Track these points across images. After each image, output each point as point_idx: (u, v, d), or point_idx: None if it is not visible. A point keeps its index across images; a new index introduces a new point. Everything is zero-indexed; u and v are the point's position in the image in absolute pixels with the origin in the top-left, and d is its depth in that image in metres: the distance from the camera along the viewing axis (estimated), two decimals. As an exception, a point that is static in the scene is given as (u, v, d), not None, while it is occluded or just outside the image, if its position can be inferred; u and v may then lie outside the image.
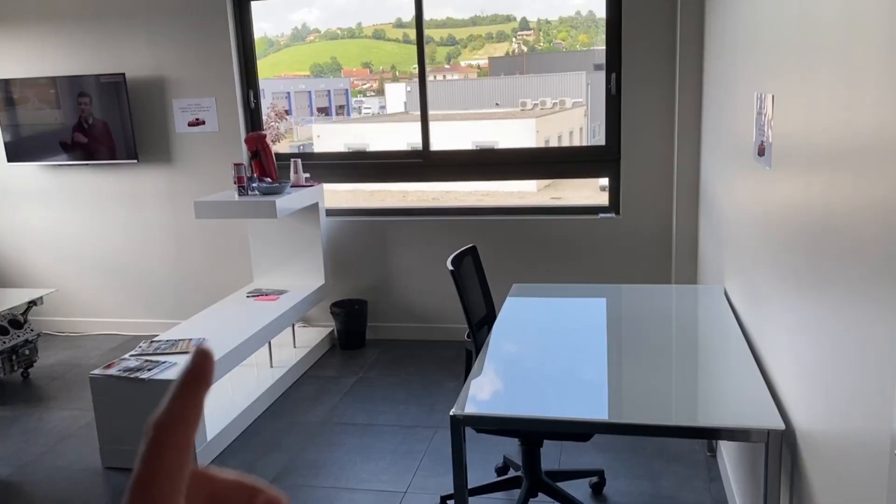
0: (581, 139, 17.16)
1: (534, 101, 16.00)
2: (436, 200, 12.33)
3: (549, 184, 12.53)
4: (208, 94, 4.76)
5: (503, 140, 14.36)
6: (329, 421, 3.77)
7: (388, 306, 4.83)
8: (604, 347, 2.51)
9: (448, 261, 2.64)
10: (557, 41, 19.82)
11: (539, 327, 2.75)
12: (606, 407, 2.07)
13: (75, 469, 3.39)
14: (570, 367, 2.37)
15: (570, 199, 12.58)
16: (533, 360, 2.45)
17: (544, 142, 14.69)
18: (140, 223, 5.03)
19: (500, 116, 16.11)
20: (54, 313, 5.30)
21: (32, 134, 4.91)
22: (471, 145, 14.31)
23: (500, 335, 2.66)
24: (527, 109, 15.90)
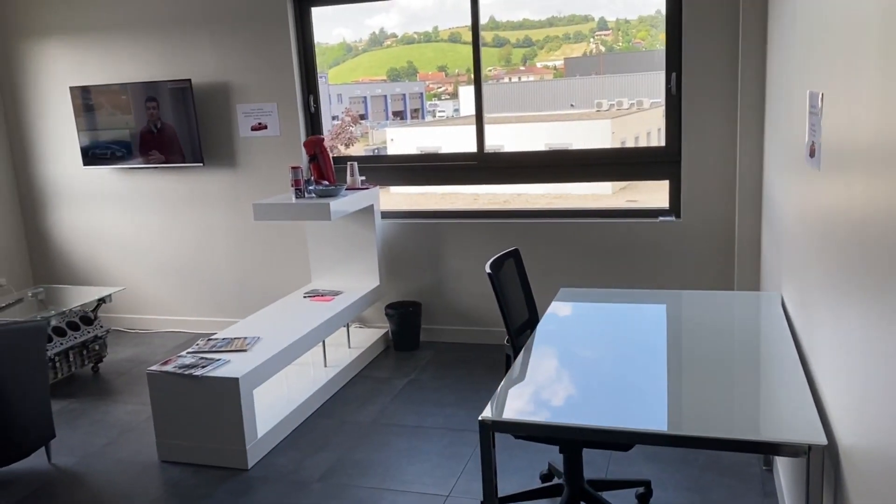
0: (659, 140, 16.73)
1: (610, 102, 15.73)
2: (507, 203, 12.30)
3: (625, 186, 12.28)
4: (270, 100, 4.87)
5: (577, 141, 14.16)
6: (378, 421, 3.79)
7: (441, 309, 4.83)
8: (651, 354, 2.44)
9: (487, 265, 2.62)
10: (637, 41, 19.45)
11: (586, 332, 2.69)
12: (652, 416, 2.01)
13: (134, 462, 3.52)
14: (613, 375, 2.31)
15: (645, 202, 12.31)
16: (574, 366, 2.40)
17: (620, 143, 14.41)
18: (205, 224, 5.20)
19: (574, 118, 15.90)
20: (124, 310, 5.53)
21: (105, 139, 5.14)
22: (544, 147, 14.17)
23: (541, 339, 2.62)
24: (602, 110, 15.65)
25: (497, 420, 2.05)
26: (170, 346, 5.11)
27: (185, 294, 5.36)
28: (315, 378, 4.12)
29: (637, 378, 2.27)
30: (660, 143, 4.36)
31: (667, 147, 4.33)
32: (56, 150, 5.40)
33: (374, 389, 4.19)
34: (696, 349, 2.47)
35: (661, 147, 4.36)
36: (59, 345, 4.35)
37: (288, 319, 4.10)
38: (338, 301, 4.38)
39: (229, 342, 3.77)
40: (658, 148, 4.38)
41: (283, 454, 3.51)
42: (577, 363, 2.41)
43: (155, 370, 3.44)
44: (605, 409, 2.08)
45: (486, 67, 19.52)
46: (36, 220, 5.57)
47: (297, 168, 4.24)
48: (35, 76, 5.33)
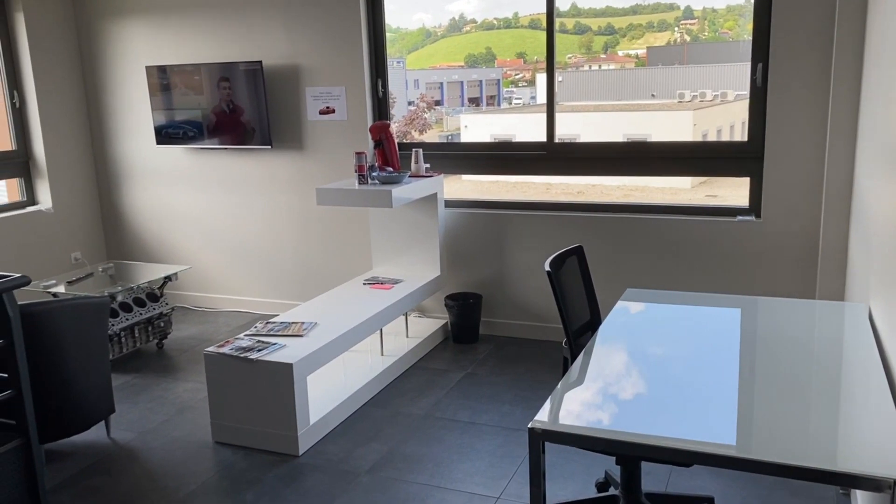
0: (743, 134, 16.11)
1: (693, 93, 15.24)
2: (580, 194, 12.06)
3: (704, 180, 11.83)
4: (339, 83, 4.83)
5: (656, 133, 13.74)
6: (432, 415, 3.72)
7: (503, 302, 4.71)
8: (722, 365, 2.27)
9: (546, 262, 2.49)
10: (723, 31, 18.75)
11: (651, 337, 2.53)
12: (718, 434, 1.85)
13: (188, 441, 3.54)
14: (679, 385, 2.15)
15: (725, 198, 11.83)
16: (637, 374, 2.25)
17: (702, 135, 13.92)
18: (271, 207, 5.21)
19: (655, 108, 15.47)
20: (191, 288, 5.62)
21: (178, 119, 5.20)
22: (622, 138, 13.79)
23: (602, 343, 2.48)
24: (684, 101, 15.17)
25: (548, 429, 1.93)
26: (233, 326, 5.16)
27: (249, 275, 5.41)
28: (371, 366, 4.08)
29: (705, 391, 2.10)
30: (744, 136, 4.11)
31: (749, 142, 4.08)
32: (131, 128, 5.51)
33: (430, 381, 4.12)
34: (772, 362, 2.28)
35: (742, 142, 4.12)
36: (125, 320, 4.44)
37: (346, 306, 4.06)
38: (397, 290, 4.32)
39: (286, 326, 3.75)
40: (740, 143, 4.14)
41: (334, 442, 3.47)
42: (640, 370, 2.26)
43: (212, 351, 3.45)
44: (668, 423, 1.93)
45: (566, 55, 19.18)
46: (111, 197, 5.71)
47: (362, 154, 4.18)
48: (113, 55, 5.44)
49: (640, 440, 1.86)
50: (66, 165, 5.48)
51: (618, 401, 2.08)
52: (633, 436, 1.88)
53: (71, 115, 5.49)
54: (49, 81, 5.32)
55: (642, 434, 1.88)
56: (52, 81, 5.34)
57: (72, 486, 3.17)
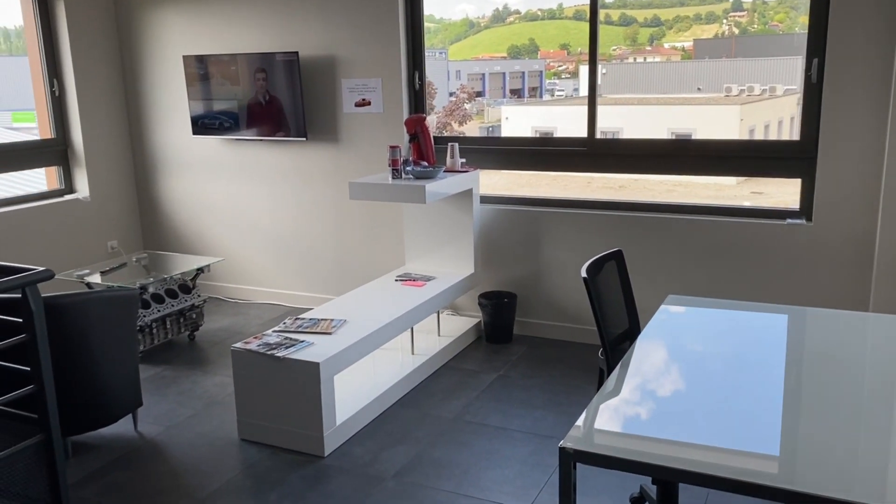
0: (792, 130, 15.59)
1: (740, 87, 14.86)
2: (622, 188, 11.81)
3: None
4: (375, 75, 4.73)
5: (702, 127, 13.42)
6: (461, 418, 3.61)
7: (538, 302, 4.58)
8: (766, 382, 2.12)
9: (583, 268, 2.36)
10: (774, 23, 18.24)
11: (693, 349, 2.39)
12: (760, 460, 1.72)
13: (214, 437, 3.50)
14: (720, 404, 2.01)
15: (772, 195, 11.48)
16: (676, 390, 2.12)
17: (748, 131, 13.55)
18: (305, 200, 5.15)
19: (701, 102, 15.11)
20: (224, 279, 5.60)
21: (215, 109, 5.17)
22: (666, 132, 13.49)
23: (641, 354, 2.34)
24: (731, 95, 14.80)
25: (581, 450, 1.81)
26: (265, 319, 5.12)
27: (282, 267, 5.36)
28: (401, 365, 3.99)
29: (748, 410, 1.96)
30: (793, 133, 3.91)
31: (802, 141, 3.87)
32: (168, 118, 5.50)
33: (461, 382, 4.01)
34: (820, 380, 2.12)
35: (794, 141, 3.91)
36: (157, 311, 4.42)
37: (377, 303, 3.97)
38: (429, 287, 4.22)
39: (315, 323, 3.68)
40: (791, 142, 3.94)
41: (360, 444, 3.40)
42: (680, 385, 2.13)
43: (239, 347, 3.39)
44: (708, 445, 1.80)
45: (611, 46, 18.88)
46: (147, 187, 5.72)
47: (396, 147, 4.08)
48: (151, 44, 5.43)
49: (678, 465, 1.73)
50: (103, 154, 5.49)
51: (656, 418, 1.95)
52: (671, 460, 1.75)
53: (109, 103, 5.50)
54: (88, 70, 5.33)
55: (680, 458, 1.75)
56: (91, 70, 5.35)
57: (96, 481, 3.14)
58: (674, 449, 1.80)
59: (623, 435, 1.89)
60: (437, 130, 14.23)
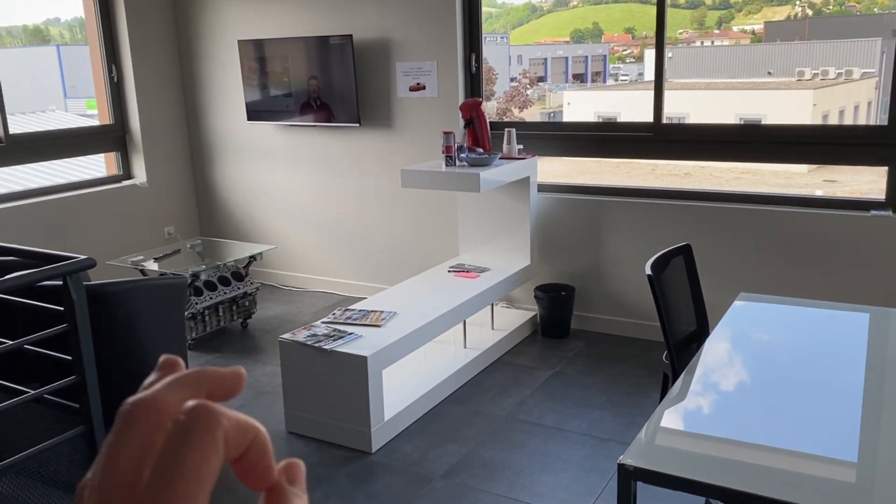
0: (869, 116, 14.79)
1: (813, 71, 14.21)
2: (688, 175, 11.42)
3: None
4: (430, 58, 4.58)
5: (772, 113, 12.90)
6: (514, 417, 3.46)
7: (598, 295, 4.38)
8: (850, 392, 1.90)
9: (647, 264, 2.17)
10: (850, 4, 17.43)
11: (766, 352, 2.18)
12: (838, 487, 1.52)
13: (261, 428, 3.43)
14: (797, 417, 1.81)
15: (845, 183, 10.92)
16: (748, 400, 1.92)
17: (822, 116, 12.97)
18: (358, 187, 5.05)
19: (771, 87, 14.52)
20: (278, 266, 5.56)
21: (269, 95, 5.10)
22: (734, 117, 13.00)
23: (710, 359, 2.14)
24: (804, 80, 14.17)
25: (641, 468, 1.64)
26: (318, 307, 5.05)
27: (335, 255, 5.28)
28: (452, 359, 3.85)
29: (826, 423, 1.75)
30: (870, 118, 3.60)
31: (889, 126, 3.56)
32: (223, 103, 5.46)
33: (515, 379, 3.86)
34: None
35: (879, 126, 3.61)
36: (209, 299, 4.39)
37: (428, 295, 3.84)
38: (483, 279, 4.07)
39: (365, 315, 3.57)
40: (876, 127, 3.63)
41: (408, 441, 3.28)
42: (752, 395, 1.92)
43: (286, 338, 3.31)
44: (783, 469, 1.60)
45: (677, 30, 18.28)
46: (204, 172, 5.71)
47: (450, 133, 3.93)
48: (207, 29, 5.39)
49: (749, 488, 1.54)
50: (160, 139, 5.50)
51: (726, 431, 1.76)
52: (741, 481, 1.56)
53: (165, 89, 5.50)
54: (145, 55, 5.33)
55: (752, 481, 1.56)
56: (148, 55, 5.35)
57: (143, 471, 3.11)
58: (745, 470, 1.61)
59: (689, 453, 1.71)
60: (497, 116, 14.00)
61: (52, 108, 10.56)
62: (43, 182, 5.44)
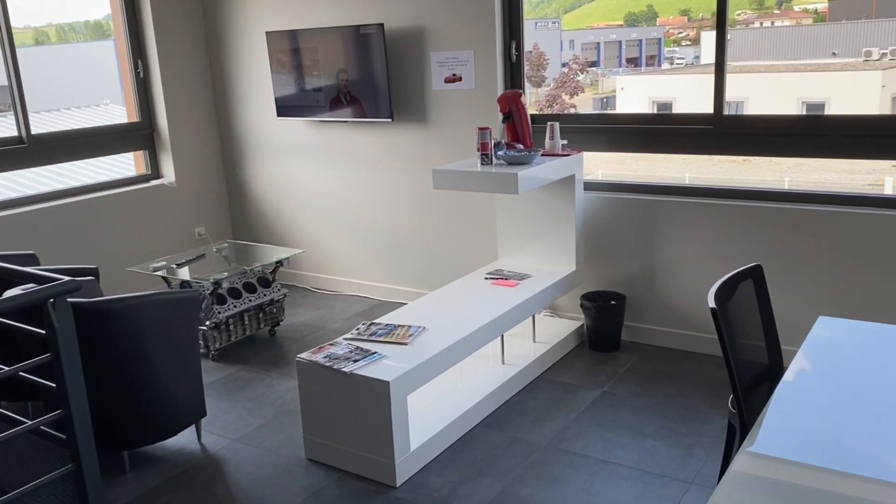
0: (944, 98, 13.90)
1: (882, 51, 13.42)
2: (746, 162, 10.81)
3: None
4: (467, 47, 4.23)
5: (836, 96, 12.19)
6: (556, 446, 3.11)
7: (651, 305, 3.98)
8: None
9: (710, 294, 1.79)
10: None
11: (857, 400, 1.79)
12: None
13: (280, 454, 3.16)
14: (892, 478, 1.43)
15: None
16: (834, 458, 1.54)
17: (891, 99, 12.20)
18: (391, 185, 4.74)
19: (836, 68, 13.75)
20: (310, 268, 5.30)
21: (298, 89, 4.83)
22: (796, 101, 12.28)
23: (786, 403, 1.76)
24: (871, 60, 13.37)
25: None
26: (350, 313, 4.78)
27: (369, 258, 4.99)
28: (489, 377, 3.52)
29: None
30: None
31: None
32: (253, 99, 5.21)
33: (558, 400, 3.50)
34: None
35: (983, 115, 3.12)
36: (233, 308, 4.15)
37: (462, 306, 3.51)
38: (523, 288, 3.72)
39: (391, 330, 3.26)
40: (978, 116, 3.14)
41: (438, 473, 2.96)
42: (839, 454, 1.54)
43: (304, 358, 3.02)
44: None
45: (735, 11, 17.54)
46: (234, 171, 5.48)
47: (486, 129, 3.58)
48: (235, 22, 5.14)
49: None
50: (188, 137, 5.28)
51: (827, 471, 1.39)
52: None
53: (193, 84, 5.27)
54: (172, 50, 5.10)
55: None
56: (174, 50, 5.12)
57: (149, 503, 2.87)
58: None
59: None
60: (547, 103, 13.53)
61: (105, 102, 10.54)
62: (70, 182, 5.29)
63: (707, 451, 3.00)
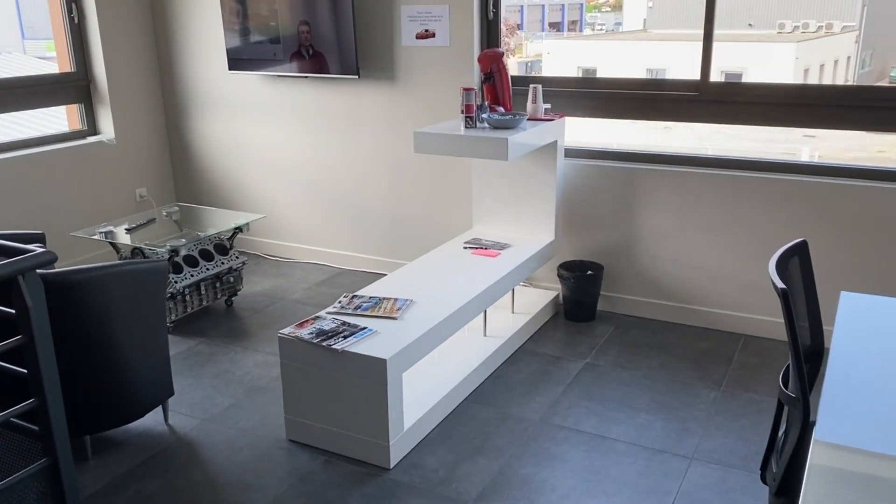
0: (847, 70, 14.45)
1: (794, 24, 13.79)
2: (668, 129, 10.93)
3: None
4: (441, 1, 4.01)
5: (752, 68, 12.46)
6: (549, 420, 3.02)
7: (628, 275, 3.93)
8: None
9: (772, 266, 1.70)
10: (831, -46, 16.94)
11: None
12: None
13: (258, 435, 2.96)
14: None
15: (826, 139, 10.51)
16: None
17: (803, 71, 12.59)
18: (357, 147, 4.50)
19: (751, 39, 14.07)
20: (265, 234, 5.02)
21: (254, 39, 4.49)
22: (716, 72, 12.56)
23: (840, 384, 1.70)
24: (785, 32, 13.74)
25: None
26: (310, 282, 4.55)
27: (330, 223, 4.75)
28: (473, 351, 3.39)
29: None
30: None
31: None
32: (202, 51, 4.83)
33: (542, 372, 3.41)
34: None
35: (968, 90, 3.15)
36: (190, 276, 3.86)
37: (446, 278, 3.36)
38: (504, 258, 3.59)
39: (377, 304, 3.08)
40: (963, 91, 3.17)
41: (432, 452, 2.83)
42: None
43: (288, 334, 2.81)
44: None
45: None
46: (179, 129, 5.10)
47: (471, 90, 3.39)
48: (182, -36, 4.72)
49: None
50: (130, 90, 4.86)
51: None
52: None
53: (135, 32, 4.84)
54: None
55: None
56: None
57: (119, 492, 2.62)
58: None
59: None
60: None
61: (8, 51, 9.71)
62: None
63: (702, 425, 2.97)
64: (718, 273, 3.72)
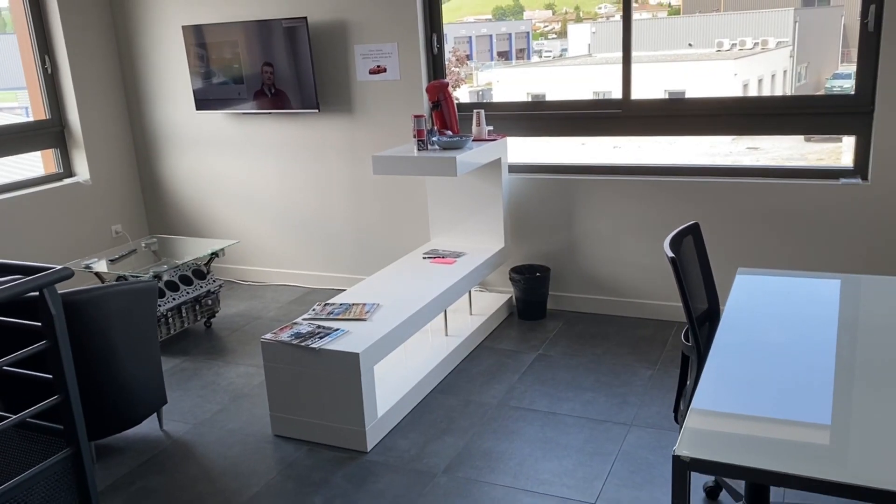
0: (784, 84, 15.33)
1: (732, 42, 14.59)
2: (617, 149, 11.48)
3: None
4: (390, 39, 4.44)
5: (697, 85, 13.14)
6: (506, 404, 3.41)
7: (573, 275, 4.36)
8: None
9: (666, 243, 2.13)
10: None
11: (789, 331, 2.18)
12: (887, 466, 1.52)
13: (246, 433, 3.29)
14: (828, 387, 1.81)
15: (768, 152, 11.20)
16: (779, 379, 1.91)
17: (742, 86, 13.29)
18: (320, 175, 4.89)
19: (693, 58, 14.83)
20: (237, 261, 5.35)
21: (218, 81, 4.87)
22: (662, 92, 13.18)
23: (727, 339, 2.12)
24: (723, 50, 14.51)
25: (699, 458, 1.60)
26: (283, 302, 4.88)
27: (298, 247, 5.11)
28: (436, 349, 3.77)
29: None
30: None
31: (857, 96, 3.63)
32: (169, 93, 5.19)
33: (500, 364, 3.81)
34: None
35: (848, 95, 3.67)
36: (172, 300, 4.18)
37: (409, 283, 3.74)
38: (461, 264, 3.99)
39: (347, 308, 3.45)
40: (845, 96, 3.70)
41: (404, 436, 3.19)
42: (785, 374, 1.91)
43: (269, 339, 3.16)
44: (821, 444, 1.59)
45: (597, 5, 18.33)
46: (150, 167, 5.43)
47: (421, 117, 3.82)
48: (148, 14, 5.09)
49: (809, 472, 1.52)
50: (102, 134, 5.19)
51: (766, 411, 1.74)
52: (803, 466, 1.54)
53: (105, 80, 5.18)
54: (81, 44, 5.00)
55: (807, 464, 1.55)
56: (84, 44, 5.02)
57: (125, 489, 2.93)
58: (787, 450, 1.59)
59: (735, 437, 1.67)
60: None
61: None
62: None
63: (639, 397, 3.39)
64: (651, 268, 4.16)
